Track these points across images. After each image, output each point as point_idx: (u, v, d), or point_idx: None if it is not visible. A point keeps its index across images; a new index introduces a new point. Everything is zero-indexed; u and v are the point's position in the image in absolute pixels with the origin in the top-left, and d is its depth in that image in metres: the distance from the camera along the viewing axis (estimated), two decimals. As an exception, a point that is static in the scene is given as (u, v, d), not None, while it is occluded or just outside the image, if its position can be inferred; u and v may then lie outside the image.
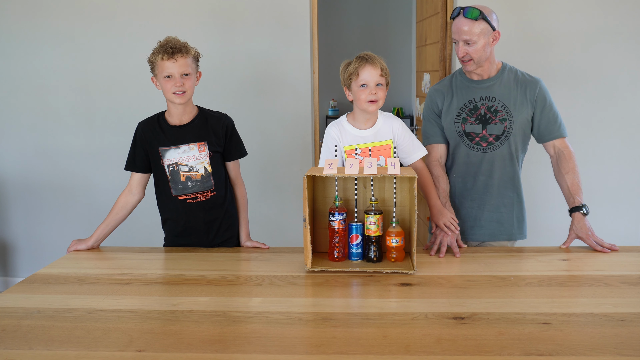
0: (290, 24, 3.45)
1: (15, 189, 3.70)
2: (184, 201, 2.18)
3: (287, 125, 3.50)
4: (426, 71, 4.02)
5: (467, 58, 2.15)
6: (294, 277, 1.82)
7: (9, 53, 3.57)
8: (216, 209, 2.22)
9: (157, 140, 2.16)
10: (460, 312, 1.51)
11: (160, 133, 2.17)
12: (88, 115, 3.60)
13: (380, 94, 2.03)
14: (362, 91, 2.02)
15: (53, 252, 3.58)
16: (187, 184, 2.17)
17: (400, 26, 6.21)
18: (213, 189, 2.20)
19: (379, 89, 2.02)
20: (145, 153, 2.19)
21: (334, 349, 1.32)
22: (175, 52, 2.06)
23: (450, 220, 2.09)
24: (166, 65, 2.06)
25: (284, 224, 3.57)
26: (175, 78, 2.07)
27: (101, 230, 2.19)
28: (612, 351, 1.29)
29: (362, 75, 2.01)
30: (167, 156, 2.16)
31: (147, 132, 2.18)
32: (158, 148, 2.16)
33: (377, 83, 2.02)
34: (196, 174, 2.17)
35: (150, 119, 2.22)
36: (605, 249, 2.05)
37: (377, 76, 2.01)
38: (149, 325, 1.47)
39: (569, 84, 3.37)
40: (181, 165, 2.16)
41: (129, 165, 2.22)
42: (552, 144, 2.24)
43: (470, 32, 2.10)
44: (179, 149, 2.16)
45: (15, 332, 1.44)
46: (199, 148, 2.16)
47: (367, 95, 2.01)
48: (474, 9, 2.10)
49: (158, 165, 2.18)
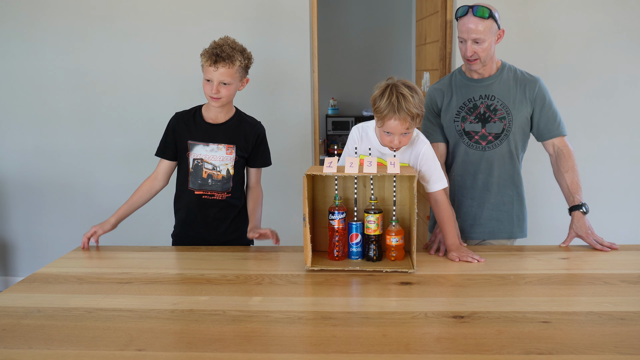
0: (290, 24, 3.45)
1: (15, 188, 3.70)
2: (199, 196, 2.21)
3: (287, 125, 3.50)
4: (426, 70, 4.02)
5: (475, 57, 2.14)
6: (293, 276, 1.82)
7: (9, 53, 3.57)
8: (229, 209, 2.25)
9: (189, 133, 2.20)
10: (460, 311, 1.51)
11: (193, 127, 2.21)
12: (88, 115, 3.60)
13: (405, 141, 1.91)
14: (386, 136, 1.92)
15: (53, 251, 3.59)
16: (207, 181, 2.20)
17: (399, 25, 6.21)
18: (230, 191, 2.23)
19: (404, 138, 1.90)
20: (174, 143, 2.22)
21: (334, 348, 1.32)
22: (219, 60, 2.06)
23: (470, 255, 1.94)
24: (208, 70, 2.09)
25: (283, 223, 3.57)
26: (213, 84, 2.09)
27: (124, 210, 2.21)
28: (611, 350, 1.29)
29: (387, 126, 1.88)
30: (195, 150, 2.20)
31: (181, 123, 2.22)
32: (188, 141, 2.20)
33: (403, 133, 1.89)
34: (218, 174, 2.20)
35: (188, 111, 2.26)
36: (605, 248, 2.05)
37: (404, 129, 1.87)
38: (148, 324, 1.47)
39: (568, 84, 3.37)
40: (206, 162, 2.19)
41: (160, 152, 2.26)
42: (552, 142, 2.24)
43: (481, 31, 2.09)
44: (208, 146, 2.20)
45: (15, 332, 1.44)
46: (226, 150, 2.20)
47: (388, 142, 1.93)
48: (483, 7, 2.09)
49: (183, 156, 2.22)
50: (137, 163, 3.57)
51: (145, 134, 3.51)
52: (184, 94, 3.40)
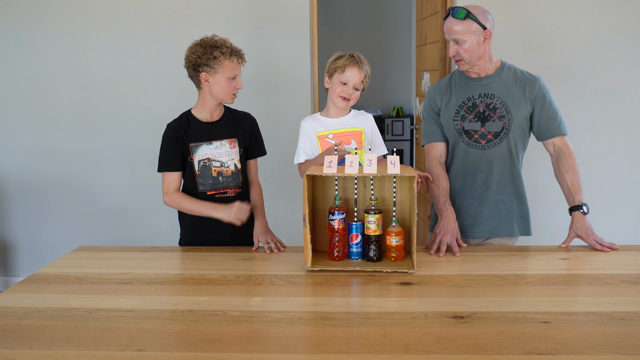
0: (290, 24, 3.45)
1: (16, 188, 3.70)
2: (212, 196, 2.21)
3: (287, 125, 3.50)
4: (426, 70, 4.02)
5: (458, 58, 2.18)
6: (294, 277, 1.82)
7: (9, 53, 3.57)
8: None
9: (189, 137, 2.20)
10: (460, 311, 1.51)
11: (191, 130, 2.21)
12: (88, 115, 3.60)
13: (354, 96, 2.19)
14: (341, 86, 2.16)
15: (53, 251, 3.60)
16: (218, 179, 2.21)
17: (400, 25, 6.21)
18: (241, 186, 2.25)
19: (355, 93, 2.18)
20: (179, 151, 2.20)
21: (334, 348, 1.32)
22: (243, 56, 2.18)
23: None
24: (235, 67, 2.15)
25: (283, 223, 3.57)
26: (238, 81, 2.17)
27: (214, 206, 2.17)
28: (611, 350, 1.29)
29: (346, 74, 2.15)
30: (199, 152, 2.20)
31: (178, 130, 2.21)
32: (189, 144, 2.19)
33: (356, 87, 2.17)
34: (227, 169, 2.21)
35: (179, 119, 2.24)
36: (605, 248, 2.05)
37: (359, 80, 2.16)
38: (149, 324, 1.47)
39: (569, 84, 3.37)
40: (213, 160, 2.20)
41: (163, 166, 2.21)
42: (552, 142, 2.24)
43: (458, 32, 2.13)
44: (211, 144, 2.21)
45: (15, 332, 1.44)
46: (230, 144, 2.22)
47: (342, 91, 2.17)
48: (461, 8, 2.14)
49: (187, 162, 2.21)
50: (138, 163, 3.57)
51: (146, 134, 3.51)
52: (184, 94, 3.40)
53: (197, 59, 2.13)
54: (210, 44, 2.13)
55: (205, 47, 2.12)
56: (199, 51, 2.12)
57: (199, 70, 2.14)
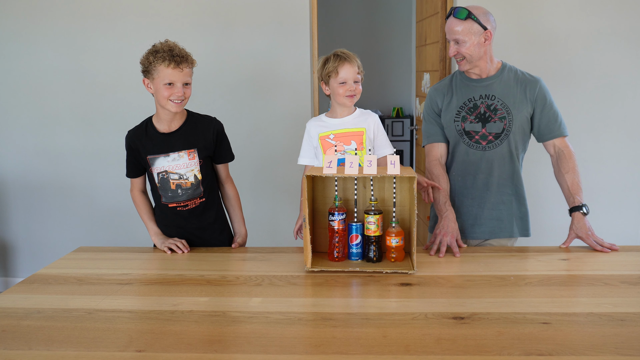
0: (290, 24, 3.45)
1: (15, 189, 3.71)
2: (174, 209, 2.19)
3: (286, 125, 3.50)
4: (426, 71, 4.02)
5: (459, 57, 2.19)
6: (293, 277, 1.82)
7: (9, 53, 3.57)
8: (207, 212, 2.23)
9: (145, 149, 2.15)
10: (460, 312, 1.51)
11: (148, 141, 2.15)
12: (88, 115, 3.60)
13: (358, 90, 2.19)
14: (341, 87, 2.16)
15: (53, 252, 3.60)
16: (177, 192, 2.17)
17: (400, 26, 6.21)
18: (202, 196, 2.20)
19: (357, 85, 2.19)
20: (138, 161, 2.20)
21: (334, 349, 1.32)
22: (182, 61, 2.04)
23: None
24: (170, 73, 2.03)
25: (283, 223, 3.57)
26: (178, 87, 2.05)
27: (148, 218, 2.26)
28: (612, 351, 1.29)
29: (342, 74, 2.15)
30: (157, 164, 2.15)
31: (135, 140, 2.17)
32: (147, 156, 2.15)
33: (355, 80, 2.18)
34: (186, 182, 2.16)
35: (139, 127, 2.20)
36: (605, 249, 2.05)
37: (355, 74, 2.17)
38: (148, 325, 1.47)
39: (569, 84, 3.37)
40: (171, 173, 2.15)
41: (129, 173, 2.26)
42: (552, 143, 2.24)
43: (459, 32, 2.14)
44: (169, 156, 2.14)
45: (15, 332, 1.44)
46: (188, 156, 2.15)
47: (345, 91, 2.16)
48: (462, 9, 2.14)
49: (148, 172, 2.20)
50: (137, 164, 3.57)
51: (145, 134, 3.51)
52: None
53: (141, 66, 2.10)
54: (151, 50, 2.06)
55: (147, 53, 2.07)
56: (143, 57, 2.09)
57: (144, 76, 2.11)
